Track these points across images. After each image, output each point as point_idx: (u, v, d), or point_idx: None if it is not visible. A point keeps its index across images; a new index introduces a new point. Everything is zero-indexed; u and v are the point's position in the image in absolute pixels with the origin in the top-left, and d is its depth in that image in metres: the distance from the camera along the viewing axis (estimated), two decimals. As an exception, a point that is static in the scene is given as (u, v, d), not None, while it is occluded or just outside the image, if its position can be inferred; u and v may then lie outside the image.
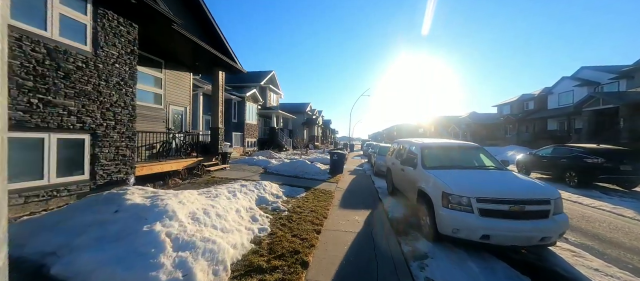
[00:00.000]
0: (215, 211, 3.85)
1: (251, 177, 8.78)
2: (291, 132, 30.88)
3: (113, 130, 5.29)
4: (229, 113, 17.55)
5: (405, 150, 6.79)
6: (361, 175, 11.31)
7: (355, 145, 34.43)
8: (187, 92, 10.35)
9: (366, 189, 8.33)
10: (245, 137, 18.45)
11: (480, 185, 3.90)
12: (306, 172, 10.05)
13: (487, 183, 4.00)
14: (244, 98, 18.21)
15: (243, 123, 18.20)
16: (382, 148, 12.55)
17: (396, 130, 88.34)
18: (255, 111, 20.34)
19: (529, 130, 29.01)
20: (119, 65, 5.40)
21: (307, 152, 23.53)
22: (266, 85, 25.73)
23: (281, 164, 11.14)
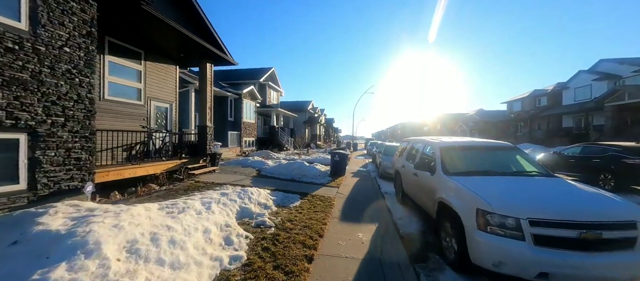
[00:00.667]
0: (170, 236, 2.85)
1: (241, 181, 7.79)
2: (292, 130, 29.89)
3: (62, 129, 4.33)
4: (224, 111, 16.62)
5: (418, 151, 5.73)
6: (365, 178, 10.26)
7: (358, 144, 33.33)
8: (172, 86, 9.40)
9: (371, 195, 7.28)
10: (243, 137, 17.51)
11: (533, 201, 2.83)
12: (304, 175, 9.04)
13: (541, 197, 2.94)
14: (241, 95, 17.25)
15: (240, 122, 17.26)
16: (388, 148, 11.47)
17: (400, 129, 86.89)
18: (253, 109, 19.39)
19: (541, 128, 27.57)
20: (70, 50, 4.44)
21: (308, 151, 22.54)
22: (265, 82, 24.76)
23: (277, 166, 10.15)
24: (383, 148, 12.28)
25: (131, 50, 7.67)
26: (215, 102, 15.87)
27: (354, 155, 23.83)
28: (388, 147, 11.62)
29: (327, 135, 56.12)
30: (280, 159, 14.39)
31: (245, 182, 7.65)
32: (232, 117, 17.19)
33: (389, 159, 9.93)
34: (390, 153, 10.81)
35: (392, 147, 11.64)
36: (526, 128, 29.37)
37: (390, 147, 11.71)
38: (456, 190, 3.42)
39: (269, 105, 24.96)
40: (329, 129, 59.79)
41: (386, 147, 11.72)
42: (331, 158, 10.24)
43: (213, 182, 7.36)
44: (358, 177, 10.45)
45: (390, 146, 11.80)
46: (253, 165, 11.04)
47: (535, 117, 28.17)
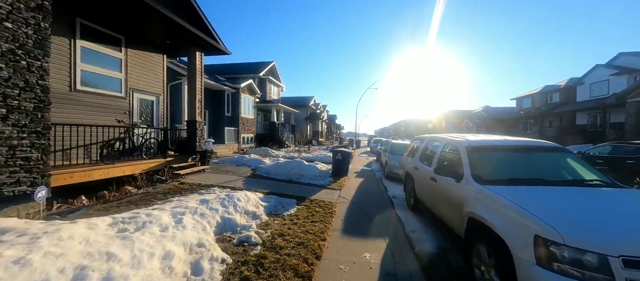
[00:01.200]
0: (105, 272, 2.05)
1: (232, 182, 7.01)
2: (293, 127, 29.06)
3: (3, 123, 3.55)
4: (220, 106, 15.82)
5: (434, 151, 4.89)
6: (370, 178, 9.42)
7: (361, 141, 32.46)
8: (159, 77, 8.60)
9: (378, 200, 6.46)
10: (241, 133, 16.73)
11: (623, 227, 1.98)
12: (303, 175, 8.24)
13: (632, 221, 2.08)
14: (239, 89, 16.43)
15: (237, 118, 16.47)
16: (395, 146, 10.62)
17: (403, 126, 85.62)
18: (252, 104, 18.58)
19: (553, 125, 26.43)
20: (13, 26, 3.63)
21: (309, 148, 21.73)
22: (265, 76, 23.90)
23: (274, 165, 9.35)
24: (389, 146, 11.42)
25: (109, 36, 6.86)
26: (211, 97, 15.12)
27: (357, 152, 22.99)
28: (395, 145, 10.75)
29: (329, 132, 55.24)
30: (278, 157, 13.61)
31: (237, 184, 6.86)
32: (230, 113, 16.39)
33: (396, 159, 9.09)
34: (398, 152, 9.95)
35: (399, 145, 10.78)
36: (536, 125, 28.21)
37: (397, 145, 10.85)
38: (496, 205, 2.57)
39: (269, 100, 24.12)
40: (332, 126, 58.90)
41: (392, 145, 10.86)
42: (333, 156, 9.41)
43: (200, 183, 6.58)
44: (362, 177, 9.62)
45: (397, 144, 10.94)
46: (248, 163, 10.25)
47: (546, 114, 27.00)
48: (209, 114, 15.30)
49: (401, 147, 10.36)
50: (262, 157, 12.10)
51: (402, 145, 10.85)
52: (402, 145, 10.73)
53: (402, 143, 11.05)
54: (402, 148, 10.56)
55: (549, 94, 28.71)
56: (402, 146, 10.63)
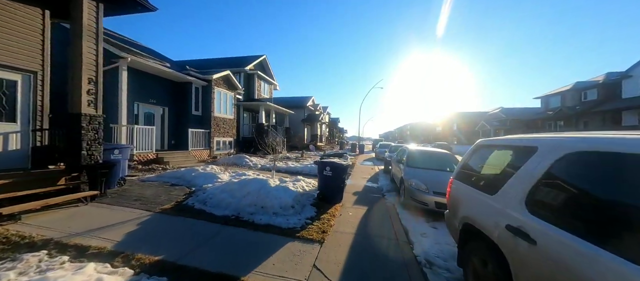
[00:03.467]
0: None
1: (105, 231, 3.58)
2: (288, 130, 25.68)
3: None
4: (185, 102, 12.52)
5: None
6: (378, 208, 5.89)
7: (365, 146, 28.89)
8: (32, 44, 5.27)
9: (395, 272, 2.95)
10: (213, 136, 13.39)
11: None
12: (263, 206, 4.79)
13: None
14: (211, 82, 13.14)
15: (209, 117, 13.15)
16: (414, 156, 7.11)
17: (409, 129, 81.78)
18: (231, 101, 15.27)
19: (591, 126, 22.51)
20: None
21: (303, 155, 18.28)
22: (254, 71, 20.66)
23: (225, 184, 5.90)
24: (402, 153, 7.88)
25: None
26: (171, 90, 11.72)
27: (361, 159, 19.43)
28: (414, 155, 7.21)
29: (331, 135, 51.77)
30: (253, 168, 10.25)
31: (113, 235, 3.43)
32: (199, 110, 13.08)
33: (421, 177, 5.63)
34: (421, 164, 6.50)
35: (422, 154, 7.29)
36: (570, 127, 24.29)
37: (418, 154, 7.31)
38: None
39: (258, 98, 20.83)
40: (333, 129, 55.45)
41: (410, 153, 7.29)
42: (319, 172, 5.97)
43: (37, 238, 3.18)
44: (365, 203, 6.10)
45: (418, 153, 7.39)
46: (195, 180, 6.83)
47: (583, 114, 23.11)
48: (168, 112, 12.01)
49: (426, 158, 6.89)
50: (226, 168, 8.67)
51: (426, 154, 7.34)
52: (427, 155, 7.24)
53: (427, 152, 7.52)
54: (427, 158, 7.03)
55: (582, 91, 24.84)
56: (427, 156, 7.16)
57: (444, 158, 6.95)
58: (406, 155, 7.20)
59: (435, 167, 6.48)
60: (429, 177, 5.70)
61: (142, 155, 9.27)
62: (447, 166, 6.56)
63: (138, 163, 9.01)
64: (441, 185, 5.45)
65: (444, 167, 6.55)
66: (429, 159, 6.92)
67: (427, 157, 7.05)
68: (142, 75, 10.42)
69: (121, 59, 8.92)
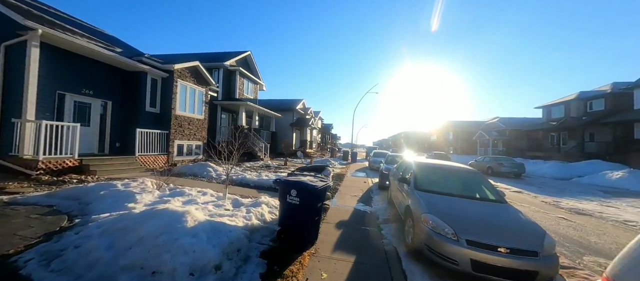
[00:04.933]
0: None
1: None
2: (274, 134, 23.43)
3: None
4: (136, 96, 10.18)
5: None
6: (371, 253, 3.69)
7: (358, 154, 26.80)
8: None
9: None
10: (174, 139, 11.02)
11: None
12: (158, 270, 2.50)
13: None
14: (172, 73, 10.84)
15: (169, 116, 10.80)
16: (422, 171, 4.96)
17: (403, 137, 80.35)
18: (201, 98, 12.95)
19: (599, 139, 21.03)
20: None
21: (286, 163, 16.01)
22: (235, 68, 18.45)
23: (123, 217, 3.58)
24: (408, 169, 5.72)
25: None
26: (118, 79, 9.19)
27: (352, 168, 17.27)
28: (424, 171, 5.05)
29: (323, 141, 49.63)
30: (217, 179, 8.02)
31: None
32: (155, 107, 10.72)
33: (438, 208, 3.48)
34: (435, 184, 4.35)
35: (441, 172, 5.16)
36: (575, 138, 22.80)
37: (428, 170, 5.17)
38: None
39: (239, 98, 18.56)
40: (326, 135, 53.37)
41: (419, 169, 5.11)
42: (280, 199, 3.77)
43: None
44: (351, 245, 3.93)
45: (428, 169, 5.23)
46: (96, 204, 4.49)
47: (589, 125, 21.66)
48: (112, 107, 9.62)
49: (443, 177, 4.80)
50: (167, 183, 6.34)
51: (441, 171, 5.17)
52: (444, 172, 5.12)
53: (442, 168, 5.31)
54: (445, 178, 4.92)
55: (587, 101, 23.50)
56: (444, 174, 5.05)
57: (469, 178, 4.82)
58: (413, 171, 5.03)
59: (458, 191, 4.35)
60: (454, 211, 3.56)
61: (55, 161, 6.85)
62: (476, 190, 4.44)
63: (45, 173, 6.58)
64: (478, 226, 3.28)
65: (471, 191, 4.43)
66: (447, 179, 4.78)
67: (445, 175, 4.90)
68: (73, 57, 8.08)
69: (30, 30, 6.59)
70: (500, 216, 3.60)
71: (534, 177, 15.90)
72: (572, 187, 12.61)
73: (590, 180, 13.52)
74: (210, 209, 4.60)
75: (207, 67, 16.76)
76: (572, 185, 13.22)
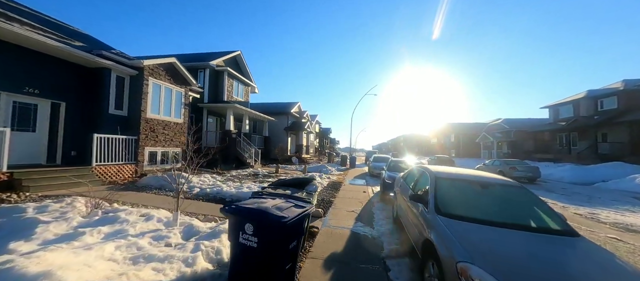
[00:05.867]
0: None
1: None
2: (267, 139, 22.03)
3: None
4: (98, 96, 8.79)
5: None
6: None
7: (358, 158, 25.37)
8: None
9: None
10: (144, 145, 9.59)
11: None
12: None
13: None
14: (142, 70, 9.48)
15: (137, 118, 9.39)
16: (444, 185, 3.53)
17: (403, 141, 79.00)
18: (179, 99, 11.56)
19: (613, 139, 19.73)
20: None
21: (278, 170, 14.56)
22: (223, 67, 17.12)
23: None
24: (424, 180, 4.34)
25: None
26: (76, 77, 7.61)
27: (351, 175, 15.83)
28: (447, 186, 3.62)
29: (321, 146, 48.23)
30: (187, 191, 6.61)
31: None
32: (121, 109, 9.31)
33: (477, 247, 1.95)
34: (466, 207, 2.88)
35: (470, 186, 3.70)
36: (586, 139, 21.49)
37: (455, 183, 3.73)
38: None
39: (227, 100, 17.19)
40: (324, 139, 51.99)
41: (440, 182, 3.67)
42: (231, 241, 2.34)
43: None
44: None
45: (455, 182, 3.79)
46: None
47: (601, 125, 20.38)
48: (66, 109, 8.21)
49: (476, 195, 3.40)
50: (97, 203, 4.92)
51: (470, 184, 3.72)
52: (476, 187, 3.68)
53: (471, 180, 3.83)
54: (479, 196, 3.46)
55: (598, 100, 22.27)
56: (476, 189, 3.64)
57: (511, 195, 3.39)
58: (429, 186, 3.60)
59: (500, 217, 2.92)
60: (511, 258, 2.15)
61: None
62: (527, 215, 3.04)
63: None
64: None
65: (520, 217, 3.01)
66: (480, 197, 3.37)
67: (476, 191, 3.48)
68: (10, 49, 6.70)
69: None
70: (587, 266, 2.18)
71: (550, 182, 14.52)
72: (600, 193, 11.22)
73: (617, 185, 12.16)
74: (141, 245, 3.18)
75: (191, 67, 15.44)
76: (597, 191, 11.83)
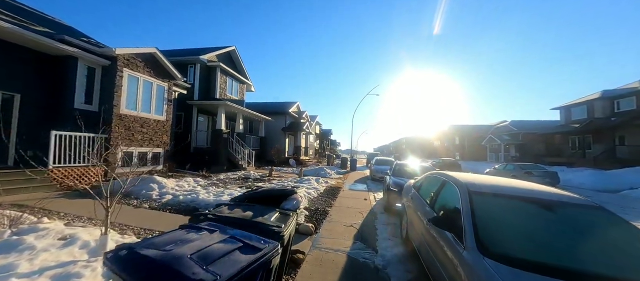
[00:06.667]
0: None
1: None
2: (263, 140, 20.93)
3: None
4: (62, 87, 7.72)
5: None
6: None
7: (357, 161, 24.20)
8: None
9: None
10: (117, 144, 8.50)
11: None
12: None
13: None
14: (115, 59, 8.41)
15: (109, 114, 8.32)
16: (482, 202, 2.35)
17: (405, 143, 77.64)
18: (161, 94, 10.47)
19: (633, 142, 18.44)
20: None
21: (271, 173, 13.42)
22: (216, 63, 16.06)
23: None
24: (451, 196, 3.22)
25: None
26: (35, 66, 6.52)
27: (351, 179, 14.66)
28: (495, 207, 2.44)
29: (322, 147, 47.07)
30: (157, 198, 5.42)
31: None
32: (91, 103, 8.25)
33: None
34: (519, 240, 1.58)
35: (533, 208, 2.43)
36: (603, 142, 20.18)
37: (509, 206, 2.50)
38: None
39: (220, 98, 16.12)
40: (324, 141, 50.85)
41: (481, 203, 2.49)
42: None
43: None
44: None
45: (509, 201, 2.58)
46: None
47: (618, 127, 19.09)
48: (21, 103, 7.14)
49: (548, 223, 2.11)
50: (25, 218, 3.78)
51: (536, 204, 2.51)
52: (542, 210, 2.44)
53: (533, 198, 2.64)
54: (551, 221, 2.11)
55: (614, 100, 21.00)
56: (544, 212, 2.36)
57: (587, 222, 2.21)
58: (465, 203, 2.42)
59: (580, 260, 1.74)
60: None
61: None
62: (622, 254, 1.86)
63: None
64: None
65: (611, 258, 1.83)
66: (546, 226, 2.19)
67: (538, 215, 2.30)
68: None
69: None
70: None
71: (571, 189, 13.29)
72: (632, 202, 10.01)
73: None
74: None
75: (179, 62, 14.41)
76: (628, 200, 10.62)
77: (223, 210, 2.25)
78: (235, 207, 2.36)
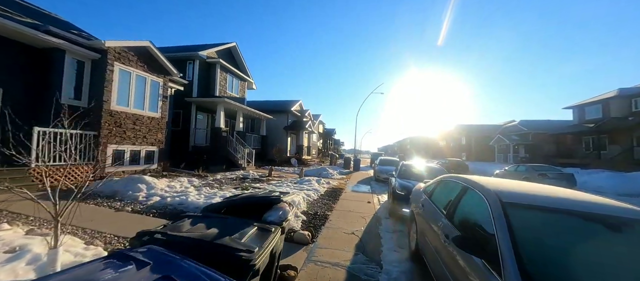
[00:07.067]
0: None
1: None
2: (265, 138, 20.48)
3: None
4: (48, 81, 7.33)
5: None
6: None
7: (362, 161, 23.59)
8: None
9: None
10: (108, 143, 8.10)
11: None
12: None
13: None
14: (105, 53, 7.99)
15: (99, 110, 7.91)
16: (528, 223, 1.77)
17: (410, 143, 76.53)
18: (156, 90, 10.05)
19: (653, 143, 17.46)
20: None
21: (270, 173, 12.93)
22: (215, 59, 15.63)
23: None
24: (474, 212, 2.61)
25: None
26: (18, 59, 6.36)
27: (354, 179, 14.09)
28: (537, 224, 1.86)
29: (325, 147, 46.52)
30: (144, 201, 4.98)
31: None
32: (80, 98, 7.86)
33: None
34: None
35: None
36: (620, 143, 19.21)
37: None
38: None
39: (220, 95, 15.69)
40: (328, 140, 50.28)
41: (528, 219, 1.94)
42: None
43: None
44: None
45: (545, 218, 1.99)
46: None
47: (638, 127, 18.11)
48: (3, 96, 6.75)
49: None
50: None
51: (601, 224, 1.92)
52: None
53: (595, 215, 2.04)
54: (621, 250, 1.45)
55: (632, 99, 19.99)
56: (613, 229, 1.73)
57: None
58: (500, 219, 1.85)
59: None
60: None
61: None
62: None
63: None
64: None
65: None
66: (609, 251, 1.61)
67: (597, 234, 1.74)
68: None
69: None
70: None
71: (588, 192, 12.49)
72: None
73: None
74: None
75: (178, 58, 14.01)
76: (652, 204, 9.80)
77: (183, 225, 1.74)
78: (202, 219, 1.84)
